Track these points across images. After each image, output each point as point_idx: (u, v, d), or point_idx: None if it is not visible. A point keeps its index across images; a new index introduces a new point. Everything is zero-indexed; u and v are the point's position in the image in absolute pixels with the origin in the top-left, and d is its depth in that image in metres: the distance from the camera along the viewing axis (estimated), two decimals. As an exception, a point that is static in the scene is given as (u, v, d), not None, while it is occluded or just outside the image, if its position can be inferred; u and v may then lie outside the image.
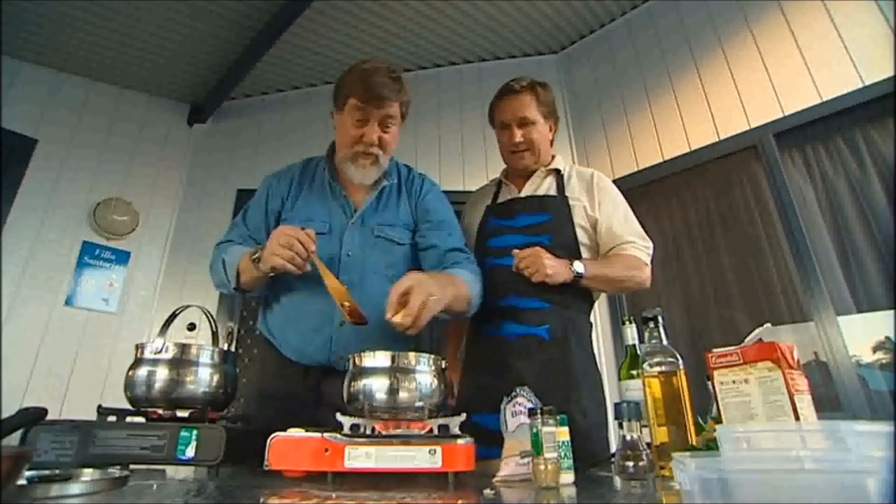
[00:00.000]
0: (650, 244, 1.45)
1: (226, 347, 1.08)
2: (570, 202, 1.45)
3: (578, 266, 1.32)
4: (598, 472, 0.96)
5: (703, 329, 2.54)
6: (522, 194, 1.52)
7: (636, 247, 1.41)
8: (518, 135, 1.49)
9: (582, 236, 1.43)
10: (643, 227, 1.49)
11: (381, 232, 1.32)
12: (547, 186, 1.52)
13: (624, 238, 1.42)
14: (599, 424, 1.30)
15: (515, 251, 1.32)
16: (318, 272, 1.12)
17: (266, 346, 1.32)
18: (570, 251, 1.39)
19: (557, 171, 1.53)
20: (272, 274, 1.15)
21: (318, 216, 1.31)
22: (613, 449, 0.93)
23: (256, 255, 1.15)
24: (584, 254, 1.42)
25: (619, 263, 1.40)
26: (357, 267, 1.26)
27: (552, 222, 1.42)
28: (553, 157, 1.58)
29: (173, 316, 1.07)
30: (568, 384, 1.28)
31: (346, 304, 1.08)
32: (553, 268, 1.28)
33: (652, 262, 1.44)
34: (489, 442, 0.94)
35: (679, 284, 2.67)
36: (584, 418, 1.24)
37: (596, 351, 1.46)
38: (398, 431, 0.87)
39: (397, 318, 0.98)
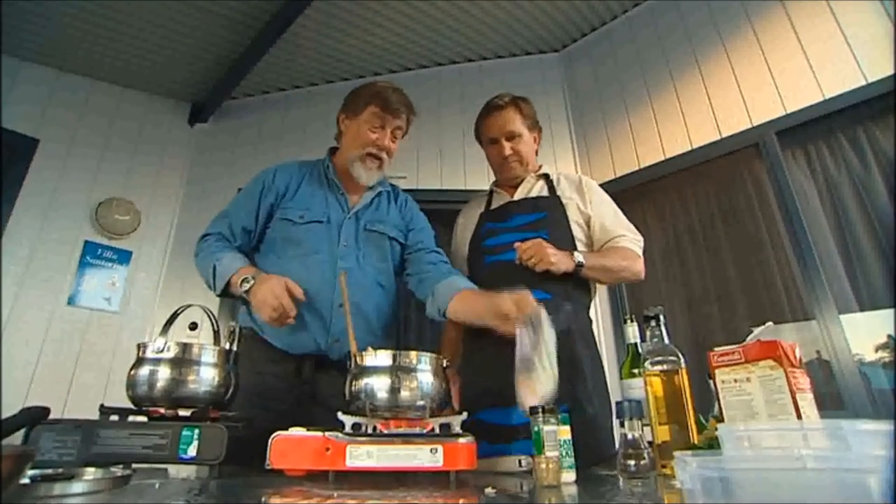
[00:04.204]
0: (640, 238, 1.52)
1: (227, 346, 1.08)
2: (563, 200, 1.52)
3: (579, 256, 1.37)
4: (600, 471, 0.96)
5: (704, 327, 2.53)
6: (515, 198, 1.58)
7: (629, 240, 1.48)
8: (507, 147, 1.57)
9: (577, 232, 1.49)
10: (645, 225, 1.50)
11: (373, 227, 1.46)
12: (539, 189, 1.59)
13: (617, 232, 1.49)
14: (606, 416, 1.30)
15: (517, 244, 1.35)
16: (312, 252, 1.34)
17: (253, 341, 1.33)
18: (567, 246, 1.43)
19: (546, 176, 1.60)
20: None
21: (317, 207, 1.42)
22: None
23: (247, 285, 1.23)
24: (580, 248, 1.46)
25: (615, 255, 1.46)
26: (351, 255, 1.39)
27: (548, 219, 1.48)
28: (540, 165, 1.65)
29: (175, 315, 1.07)
30: (574, 374, 1.29)
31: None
32: (556, 256, 1.32)
33: (646, 257, 1.48)
34: (495, 438, 0.94)
35: (681, 283, 2.66)
36: (592, 407, 1.26)
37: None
38: (400, 430, 0.87)
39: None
